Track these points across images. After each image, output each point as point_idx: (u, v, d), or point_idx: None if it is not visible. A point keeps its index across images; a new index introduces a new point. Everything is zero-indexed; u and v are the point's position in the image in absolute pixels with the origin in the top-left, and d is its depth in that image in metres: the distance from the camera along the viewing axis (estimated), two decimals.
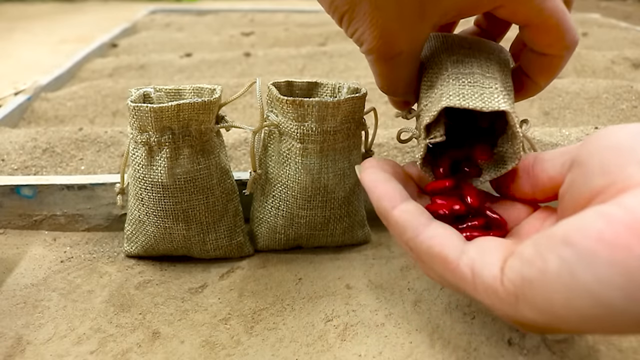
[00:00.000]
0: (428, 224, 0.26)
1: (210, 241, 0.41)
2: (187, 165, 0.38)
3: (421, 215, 0.27)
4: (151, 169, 0.38)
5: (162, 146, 0.37)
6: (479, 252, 0.24)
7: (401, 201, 0.27)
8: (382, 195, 0.27)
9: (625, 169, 0.22)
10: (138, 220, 0.40)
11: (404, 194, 0.28)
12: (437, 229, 0.26)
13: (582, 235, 0.20)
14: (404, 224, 0.26)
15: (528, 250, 0.22)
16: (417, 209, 0.27)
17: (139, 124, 0.37)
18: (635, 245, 0.18)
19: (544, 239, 0.22)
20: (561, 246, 0.20)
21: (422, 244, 0.26)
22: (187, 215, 0.39)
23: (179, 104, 0.36)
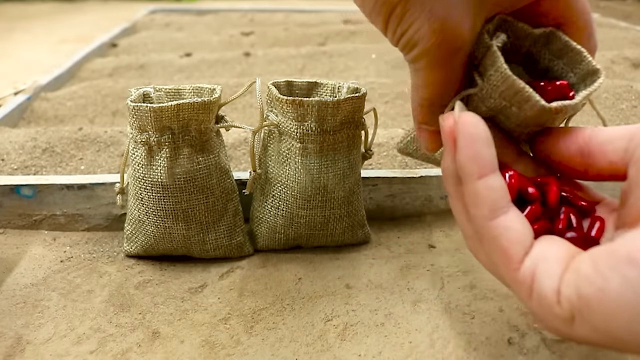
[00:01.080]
0: (507, 210, 0.24)
1: (210, 241, 0.41)
2: (187, 165, 0.38)
3: (504, 197, 0.24)
4: (151, 169, 0.38)
5: (162, 146, 0.37)
6: (543, 258, 0.23)
7: (491, 172, 0.24)
8: (476, 156, 0.24)
9: None
10: (138, 220, 0.40)
11: (495, 164, 0.24)
12: (513, 221, 0.24)
13: None
14: (484, 200, 0.24)
15: (586, 267, 0.21)
16: (503, 188, 0.24)
17: (139, 124, 0.37)
18: None
19: (605, 256, 0.21)
20: (625, 265, 0.19)
21: (493, 230, 0.24)
22: (187, 215, 0.39)
23: (179, 104, 0.36)
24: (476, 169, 0.24)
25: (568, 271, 0.22)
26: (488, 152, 0.24)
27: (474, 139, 0.24)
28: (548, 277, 0.22)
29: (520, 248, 0.23)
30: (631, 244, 0.20)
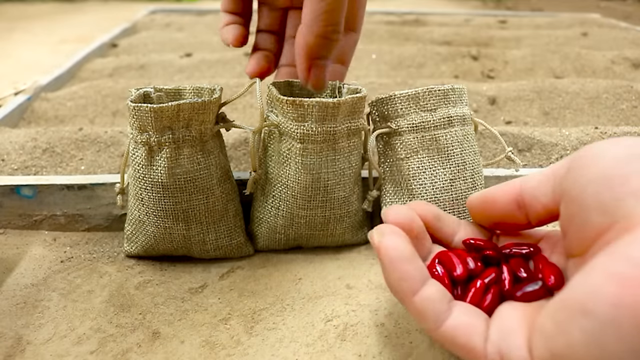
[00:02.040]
0: (449, 311, 0.25)
1: (210, 241, 0.41)
2: (187, 165, 0.38)
3: (442, 301, 0.25)
4: (151, 169, 0.38)
5: (162, 146, 0.37)
6: (502, 335, 0.23)
7: (422, 284, 0.25)
8: (402, 277, 0.25)
9: (623, 204, 0.21)
10: (138, 220, 0.40)
11: (424, 274, 0.26)
12: (459, 317, 0.25)
13: (598, 302, 0.19)
14: (425, 313, 0.25)
15: (548, 325, 0.21)
16: (438, 293, 0.25)
17: (139, 124, 0.37)
18: None
19: (560, 309, 0.21)
20: (580, 317, 0.19)
21: (446, 335, 0.24)
22: (187, 215, 0.39)
23: (179, 104, 0.36)
24: (406, 288, 0.25)
25: (534, 334, 0.22)
26: (412, 268, 0.25)
27: (395, 261, 0.25)
28: (515, 352, 0.22)
29: (476, 338, 0.24)
30: (579, 291, 0.20)
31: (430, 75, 0.89)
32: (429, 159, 0.39)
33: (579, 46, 1.06)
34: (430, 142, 0.39)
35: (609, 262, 0.20)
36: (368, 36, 1.13)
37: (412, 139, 0.39)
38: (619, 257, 0.19)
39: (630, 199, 0.21)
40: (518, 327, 0.23)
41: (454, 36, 1.12)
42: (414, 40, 1.11)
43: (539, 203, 0.27)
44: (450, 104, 0.39)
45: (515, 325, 0.24)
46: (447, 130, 0.39)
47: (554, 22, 1.34)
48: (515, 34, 1.14)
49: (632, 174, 0.21)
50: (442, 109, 0.39)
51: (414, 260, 0.26)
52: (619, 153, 0.23)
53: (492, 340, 0.24)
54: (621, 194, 0.21)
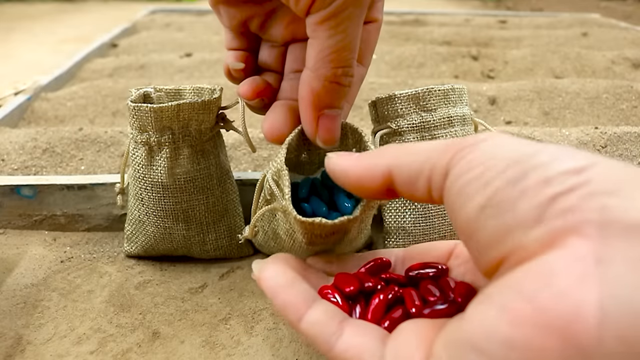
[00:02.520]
0: (340, 333, 0.23)
1: (210, 241, 0.41)
2: (187, 165, 0.38)
3: (331, 323, 0.24)
4: (151, 168, 0.38)
5: (162, 146, 0.37)
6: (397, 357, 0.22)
7: (307, 309, 0.24)
8: (285, 306, 0.24)
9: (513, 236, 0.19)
10: (138, 220, 0.40)
11: (309, 297, 0.24)
12: (350, 338, 0.23)
13: (489, 341, 0.18)
14: (314, 337, 0.23)
15: (442, 357, 0.20)
16: (325, 315, 0.24)
17: (139, 123, 0.37)
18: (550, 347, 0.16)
19: (454, 343, 0.20)
20: (472, 354, 0.18)
21: (338, 358, 0.23)
22: (187, 215, 0.39)
23: (178, 104, 0.36)
24: (291, 315, 0.24)
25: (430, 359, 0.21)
26: (293, 295, 0.24)
27: (274, 291, 0.24)
28: None
29: (370, 356, 0.22)
30: (473, 326, 0.19)
31: (430, 75, 0.89)
32: None
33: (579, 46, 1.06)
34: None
35: (503, 297, 0.18)
36: None
37: (412, 139, 0.39)
38: (512, 292, 0.18)
39: (518, 230, 0.19)
40: (415, 349, 0.22)
41: (454, 36, 1.12)
42: (414, 40, 1.11)
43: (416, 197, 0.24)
44: (451, 104, 0.39)
45: (413, 347, 0.22)
46: (448, 130, 0.39)
47: (554, 22, 1.34)
48: (515, 34, 1.14)
49: (520, 198, 0.19)
50: (442, 109, 0.39)
51: (294, 286, 0.24)
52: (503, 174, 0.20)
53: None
54: (509, 224, 0.19)
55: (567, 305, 0.16)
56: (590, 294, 0.16)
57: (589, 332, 0.16)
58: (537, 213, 0.18)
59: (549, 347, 0.16)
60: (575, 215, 0.17)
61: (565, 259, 0.17)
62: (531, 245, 0.18)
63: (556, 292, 0.16)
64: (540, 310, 0.17)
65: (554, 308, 0.16)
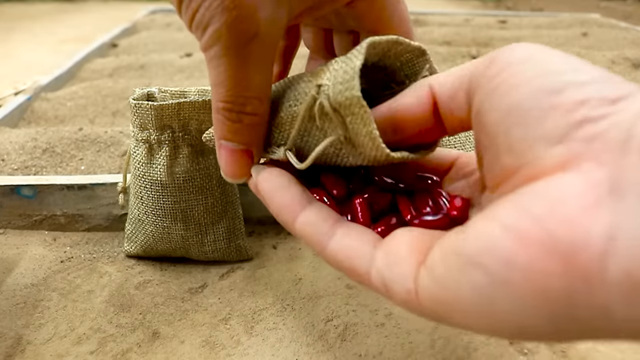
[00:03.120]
0: (332, 233, 0.23)
1: (209, 242, 0.41)
2: (186, 164, 0.38)
3: (324, 223, 0.23)
4: (151, 167, 0.38)
5: (161, 144, 0.37)
6: (387, 263, 0.22)
7: (301, 209, 0.24)
8: (280, 207, 0.24)
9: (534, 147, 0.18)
10: (138, 219, 0.40)
11: (304, 199, 0.24)
12: (342, 239, 0.23)
13: (491, 257, 0.17)
14: (308, 238, 0.23)
15: (439, 268, 0.19)
16: (318, 216, 0.24)
17: (140, 121, 0.37)
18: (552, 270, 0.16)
19: (453, 257, 0.19)
20: (472, 268, 0.18)
21: (330, 259, 0.23)
22: (186, 215, 0.39)
23: (179, 103, 0.36)
24: (287, 216, 0.24)
25: (423, 268, 0.20)
26: (288, 196, 0.24)
27: (270, 193, 0.24)
28: (398, 282, 0.21)
29: (360, 261, 0.22)
30: (475, 242, 0.18)
31: None
32: None
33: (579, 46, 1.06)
34: None
35: (511, 215, 0.18)
36: None
37: None
38: (521, 211, 0.17)
39: (540, 143, 0.18)
40: (408, 254, 0.21)
41: (454, 36, 1.12)
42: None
43: (455, 119, 0.23)
44: None
45: (405, 251, 0.21)
46: None
47: (554, 22, 1.34)
48: (515, 34, 1.14)
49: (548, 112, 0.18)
50: None
51: (289, 188, 0.24)
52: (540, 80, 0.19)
53: (377, 266, 0.22)
54: (532, 134, 0.19)
55: (575, 232, 0.16)
56: (600, 223, 0.16)
57: (593, 260, 0.15)
58: (563, 132, 0.18)
59: (552, 271, 0.16)
60: (599, 143, 0.17)
61: (579, 184, 0.17)
62: (547, 162, 0.18)
63: (565, 218, 0.16)
64: (547, 234, 0.16)
65: (562, 233, 0.16)
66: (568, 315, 0.16)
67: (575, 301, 0.16)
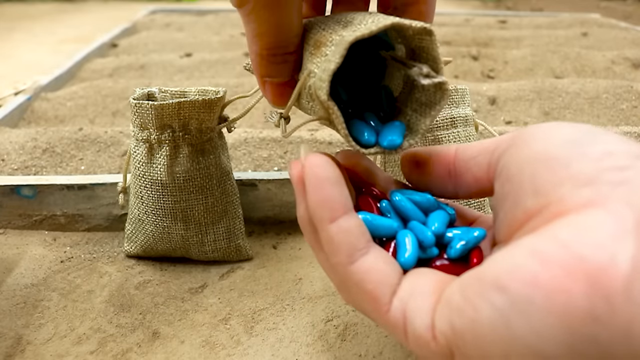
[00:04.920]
0: (366, 251, 0.22)
1: (209, 242, 0.41)
2: (186, 164, 0.38)
3: (361, 237, 0.22)
4: (151, 166, 0.38)
5: (162, 144, 0.37)
6: (413, 295, 0.21)
7: (344, 213, 0.22)
8: (325, 200, 0.22)
9: (559, 189, 0.19)
10: (138, 219, 0.40)
11: (348, 204, 0.23)
12: (374, 261, 0.22)
13: (514, 278, 0.17)
14: (339, 244, 0.22)
15: (456, 297, 0.19)
16: (358, 228, 0.23)
17: (140, 121, 0.37)
18: (575, 289, 0.16)
19: (473, 282, 0.19)
20: (492, 292, 0.18)
21: (354, 275, 0.22)
22: (186, 215, 0.39)
23: (179, 102, 0.36)
24: (326, 213, 0.22)
25: (440, 303, 0.20)
26: (337, 192, 0.22)
27: (321, 181, 0.22)
28: (419, 314, 0.20)
29: (386, 289, 0.22)
30: (497, 266, 0.18)
31: None
32: None
33: (579, 46, 1.06)
34: (434, 143, 0.39)
35: (534, 240, 0.18)
36: None
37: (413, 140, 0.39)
38: (546, 236, 0.18)
39: (567, 184, 0.19)
40: (430, 292, 0.21)
41: (454, 36, 1.12)
42: None
43: (472, 175, 0.25)
44: (453, 105, 0.39)
45: (429, 288, 0.21)
46: (450, 131, 0.39)
47: (554, 22, 1.34)
48: (515, 34, 1.14)
49: (576, 158, 0.19)
50: (445, 109, 0.39)
51: (341, 185, 0.23)
52: (567, 135, 0.20)
53: (400, 297, 0.21)
54: (560, 179, 0.19)
55: (602, 255, 0.16)
56: (626, 249, 0.16)
57: (619, 280, 0.16)
58: (592, 175, 0.18)
59: (575, 290, 0.16)
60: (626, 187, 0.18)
61: (606, 218, 0.17)
62: (574, 201, 0.18)
63: (593, 242, 0.16)
64: (573, 255, 0.16)
65: (588, 255, 0.16)
66: (588, 337, 0.16)
67: (596, 321, 0.16)
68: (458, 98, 0.40)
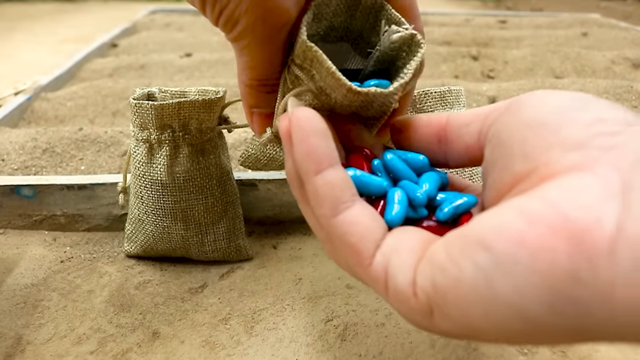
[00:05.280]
0: (350, 204, 0.22)
1: (209, 242, 0.41)
2: (186, 164, 0.38)
3: (345, 190, 0.22)
4: (151, 166, 0.38)
5: (162, 144, 0.37)
6: (395, 250, 0.21)
7: (329, 165, 0.22)
8: (310, 152, 0.22)
9: (548, 152, 0.19)
10: (138, 219, 0.40)
11: (334, 157, 0.22)
12: (359, 214, 0.22)
13: (500, 237, 0.17)
14: (324, 196, 0.22)
15: (440, 255, 0.19)
16: (343, 181, 0.22)
17: (140, 121, 0.37)
18: (560, 249, 0.16)
19: (457, 240, 0.19)
20: (477, 250, 0.17)
21: (337, 228, 0.22)
22: (186, 215, 0.39)
23: (179, 102, 0.36)
24: (312, 164, 0.22)
25: (422, 260, 0.20)
26: (323, 144, 0.22)
27: (307, 133, 0.22)
28: (401, 270, 0.20)
29: (369, 242, 0.21)
30: (483, 225, 0.18)
31: (430, 75, 0.89)
32: None
33: (579, 46, 1.06)
34: None
35: (522, 200, 0.18)
36: None
37: None
38: (534, 197, 0.18)
39: (556, 148, 0.19)
40: (414, 249, 0.21)
41: (454, 36, 1.12)
42: None
43: (462, 142, 0.25)
44: (448, 106, 0.39)
45: (413, 245, 0.21)
46: None
47: (554, 22, 1.34)
48: (515, 34, 1.14)
49: (566, 124, 0.19)
50: (439, 111, 0.39)
51: (327, 138, 0.22)
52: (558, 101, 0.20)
53: (383, 251, 0.21)
54: (549, 143, 0.19)
55: (588, 215, 0.16)
56: (612, 211, 0.16)
57: (603, 241, 0.16)
58: (581, 141, 0.18)
59: (559, 249, 0.16)
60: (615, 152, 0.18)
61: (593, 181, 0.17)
62: (562, 164, 0.18)
63: (580, 204, 0.17)
64: (560, 214, 0.17)
65: (575, 215, 0.16)
66: (569, 297, 0.16)
67: (578, 281, 0.16)
68: (452, 99, 0.40)
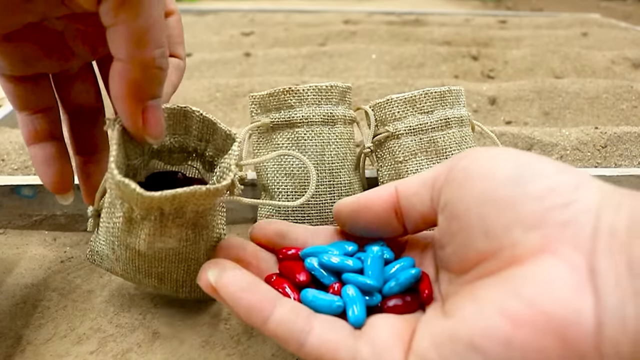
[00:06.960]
0: (309, 329, 0.23)
1: (184, 293, 0.35)
2: (172, 242, 0.29)
3: (298, 319, 0.23)
4: (129, 235, 0.28)
5: (145, 221, 0.27)
6: (376, 352, 0.21)
7: (272, 308, 0.23)
8: (249, 309, 0.23)
9: (510, 233, 0.19)
10: (107, 256, 0.33)
11: (272, 296, 0.23)
12: (322, 334, 0.22)
13: (489, 339, 0.18)
14: (283, 337, 0.22)
15: (431, 354, 0.20)
16: (291, 313, 0.23)
17: (122, 196, 0.27)
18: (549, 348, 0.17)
19: (447, 342, 0.19)
20: (468, 353, 0.18)
21: (310, 355, 0.22)
22: (162, 277, 0.32)
23: (174, 195, 0.25)
24: (257, 318, 0.23)
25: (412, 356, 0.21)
26: (258, 296, 0.23)
27: (239, 296, 0.23)
28: None
29: (344, 355, 0.22)
30: (469, 325, 0.19)
31: (430, 75, 0.89)
32: (427, 161, 0.39)
33: (579, 46, 1.06)
34: (428, 144, 0.39)
35: (502, 298, 0.18)
36: (368, 36, 1.13)
37: (409, 141, 0.39)
38: (511, 293, 0.18)
39: (516, 228, 0.19)
40: (393, 343, 0.22)
41: (454, 36, 1.12)
42: (414, 40, 1.11)
43: (417, 211, 0.25)
44: (448, 106, 0.39)
45: (390, 341, 0.22)
46: (445, 132, 0.39)
47: (554, 22, 1.34)
48: (515, 34, 1.14)
49: (520, 199, 0.20)
50: (439, 110, 0.39)
51: (258, 287, 0.24)
52: (507, 171, 0.21)
53: (363, 357, 0.22)
54: (509, 221, 0.20)
55: (567, 311, 0.17)
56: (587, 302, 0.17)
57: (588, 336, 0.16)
58: (538, 217, 0.19)
59: (548, 349, 0.17)
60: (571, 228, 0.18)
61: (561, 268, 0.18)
62: (526, 246, 0.19)
63: (555, 298, 0.17)
64: (540, 313, 0.17)
65: (555, 312, 0.17)
66: None
67: None
68: (452, 99, 0.40)
